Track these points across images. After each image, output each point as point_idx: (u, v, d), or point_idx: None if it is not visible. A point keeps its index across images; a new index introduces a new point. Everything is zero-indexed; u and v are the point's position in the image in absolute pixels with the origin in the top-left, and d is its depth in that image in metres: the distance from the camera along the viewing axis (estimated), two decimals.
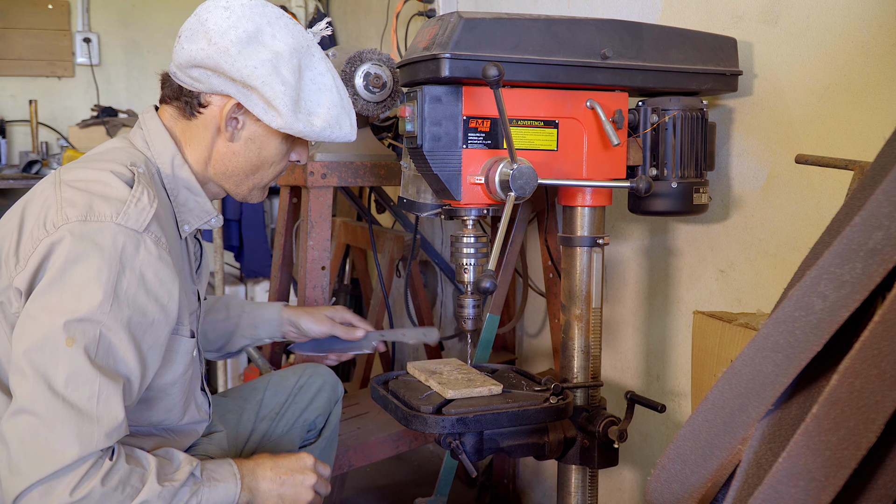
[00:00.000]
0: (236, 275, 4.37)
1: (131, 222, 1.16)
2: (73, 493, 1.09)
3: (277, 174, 1.42)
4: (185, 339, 1.31)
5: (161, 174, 1.33)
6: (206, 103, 1.32)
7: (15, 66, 4.37)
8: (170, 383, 1.31)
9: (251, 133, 1.34)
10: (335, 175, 2.14)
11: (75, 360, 1.10)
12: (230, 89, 1.28)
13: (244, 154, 1.36)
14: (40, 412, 1.09)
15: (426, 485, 2.79)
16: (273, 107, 1.26)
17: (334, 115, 1.33)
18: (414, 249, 2.37)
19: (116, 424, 1.13)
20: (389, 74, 2.12)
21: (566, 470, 1.61)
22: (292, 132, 1.29)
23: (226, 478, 1.27)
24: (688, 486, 0.82)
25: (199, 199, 1.36)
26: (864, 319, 0.70)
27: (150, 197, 1.21)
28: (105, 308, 1.12)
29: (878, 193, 0.68)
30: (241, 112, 1.32)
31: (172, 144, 1.34)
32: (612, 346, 2.13)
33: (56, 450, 1.09)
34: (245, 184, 1.40)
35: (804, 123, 1.53)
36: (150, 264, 1.18)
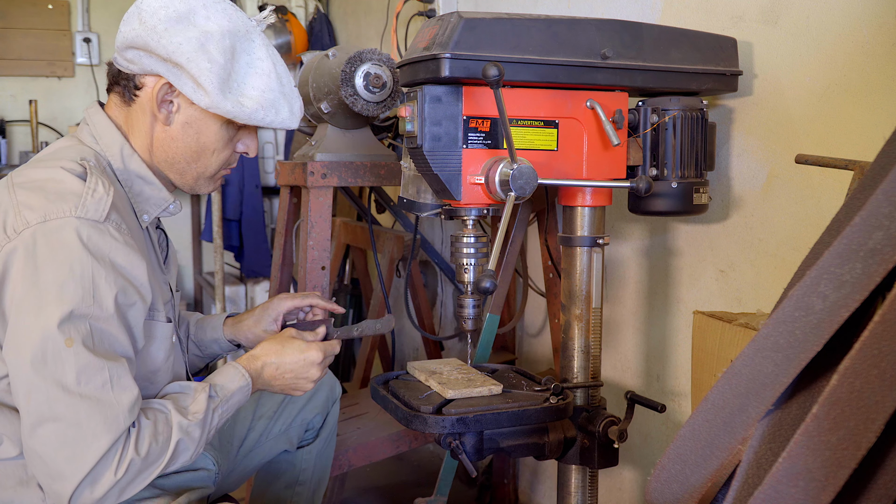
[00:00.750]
0: (236, 275, 4.37)
1: (91, 213, 1.17)
2: (116, 472, 1.14)
3: (223, 163, 1.40)
4: (162, 324, 1.32)
5: (112, 167, 1.32)
6: (140, 85, 1.31)
7: (15, 66, 4.37)
8: (153, 371, 1.32)
9: (187, 117, 1.32)
10: (335, 175, 2.14)
11: (79, 356, 1.12)
12: (160, 68, 1.27)
13: (182, 139, 1.34)
14: (63, 415, 1.12)
15: (426, 485, 2.79)
16: (200, 84, 1.25)
17: (269, 99, 1.31)
18: (414, 249, 2.37)
19: (134, 399, 1.17)
20: (389, 74, 2.12)
21: (566, 470, 1.61)
22: (220, 111, 1.27)
23: (236, 381, 1.34)
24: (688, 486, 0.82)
25: (153, 187, 1.35)
26: (864, 319, 0.70)
27: (105, 186, 1.21)
28: (88, 301, 1.14)
29: (878, 193, 0.68)
30: (173, 94, 1.31)
31: (119, 135, 1.33)
32: (612, 346, 2.13)
33: (90, 444, 1.12)
34: (189, 172, 1.38)
35: (804, 123, 1.53)
36: (118, 250, 1.18)
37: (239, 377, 1.35)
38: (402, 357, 3.47)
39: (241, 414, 1.70)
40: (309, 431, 1.80)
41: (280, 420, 1.74)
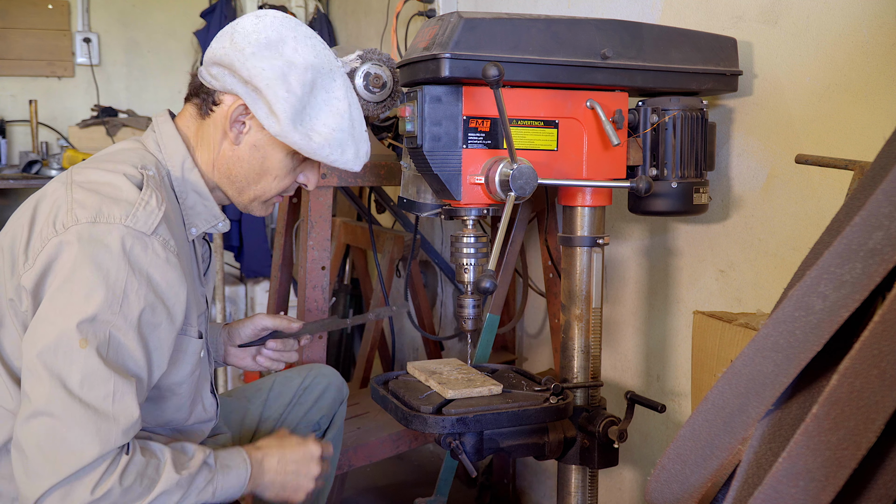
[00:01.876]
0: (236, 275, 4.37)
1: (140, 224, 1.18)
2: (93, 492, 1.11)
3: (281, 190, 1.41)
4: (193, 340, 1.32)
5: (171, 177, 1.34)
6: (218, 101, 1.33)
7: (15, 66, 4.37)
8: (178, 383, 1.32)
9: (255, 139, 1.34)
10: (335, 175, 2.14)
11: (89, 360, 1.12)
12: (239, 89, 1.29)
13: (248, 160, 1.36)
14: (58, 413, 1.11)
15: (426, 485, 2.79)
16: (273, 112, 1.26)
17: (338, 138, 1.31)
18: (414, 249, 2.37)
19: (132, 422, 1.15)
20: (389, 74, 2.12)
21: (566, 470, 1.61)
22: (287, 141, 1.28)
23: (238, 464, 1.31)
24: (688, 486, 0.82)
25: (207, 203, 1.37)
26: (864, 319, 0.70)
27: (159, 200, 1.22)
28: (115, 308, 1.14)
29: (878, 193, 0.68)
30: (247, 116, 1.32)
31: (184, 147, 1.35)
32: (612, 346, 2.13)
33: (75, 450, 1.10)
34: (247, 193, 1.40)
35: (804, 123, 1.53)
36: (158, 266, 1.19)
37: (241, 460, 1.32)
38: (402, 357, 3.47)
39: (249, 415, 1.70)
40: (316, 432, 1.80)
41: (287, 421, 1.74)
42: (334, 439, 1.84)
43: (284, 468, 1.38)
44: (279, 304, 2.55)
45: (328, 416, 1.80)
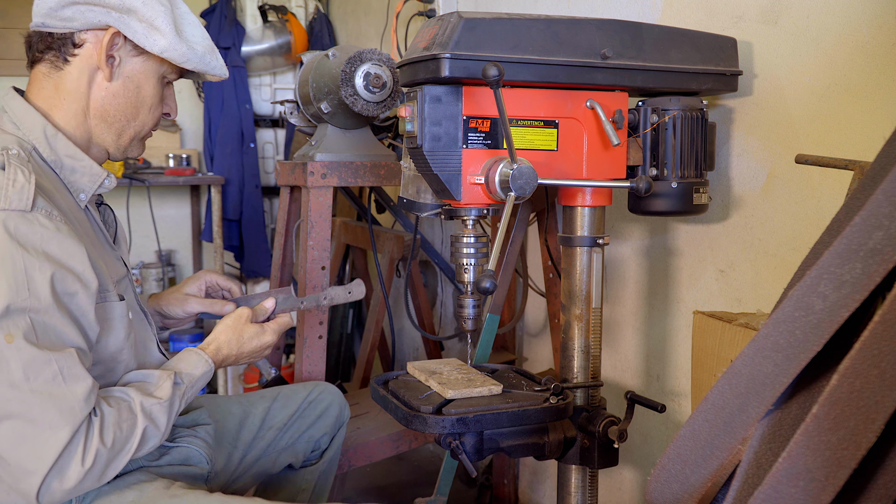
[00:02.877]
0: (236, 275, 4.37)
1: (15, 204, 1.14)
2: (84, 462, 1.13)
3: (154, 122, 1.41)
4: (116, 304, 1.30)
5: (38, 151, 1.29)
6: (80, 42, 1.30)
7: (15, 66, 4.37)
8: (117, 350, 1.31)
9: (129, 70, 1.33)
10: (335, 175, 2.14)
11: (22, 351, 1.10)
12: (108, 18, 1.27)
13: (123, 94, 1.34)
14: (16, 411, 1.11)
15: (426, 485, 2.79)
16: (155, 27, 1.26)
17: (210, 46, 1.37)
18: (414, 249, 2.37)
19: (88, 389, 1.15)
20: (389, 74, 2.12)
21: (566, 470, 1.61)
22: (177, 54, 1.29)
23: (201, 367, 1.39)
24: (688, 486, 0.82)
25: (83, 164, 1.33)
26: (864, 319, 0.70)
27: (26, 174, 1.18)
28: (24, 294, 1.12)
29: (878, 193, 0.68)
30: (117, 47, 1.31)
31: (39, 116, 1.31)
32: (612, 346, 2.13)
33: (48, 438, 1.11)
34: (127, 132, 1.38)
35: (804, 123, 1.53)
36: (50, 238, 1.16)
37: (203, 364, 1.40)
38: (402, 357, 3.47)
39: (249, 421, 1.70)
40: (315, 452, 1.80)
41: (288, 433, 1.74)
42: (331, 461, 1.84)
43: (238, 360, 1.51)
44: None
45: (329, 436, 1.81)
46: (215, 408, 1.66)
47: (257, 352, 1.53)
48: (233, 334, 1.49)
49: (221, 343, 1.47)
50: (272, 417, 1.73)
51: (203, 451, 1.49)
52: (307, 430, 1.76)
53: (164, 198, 4.43)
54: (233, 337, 1.49)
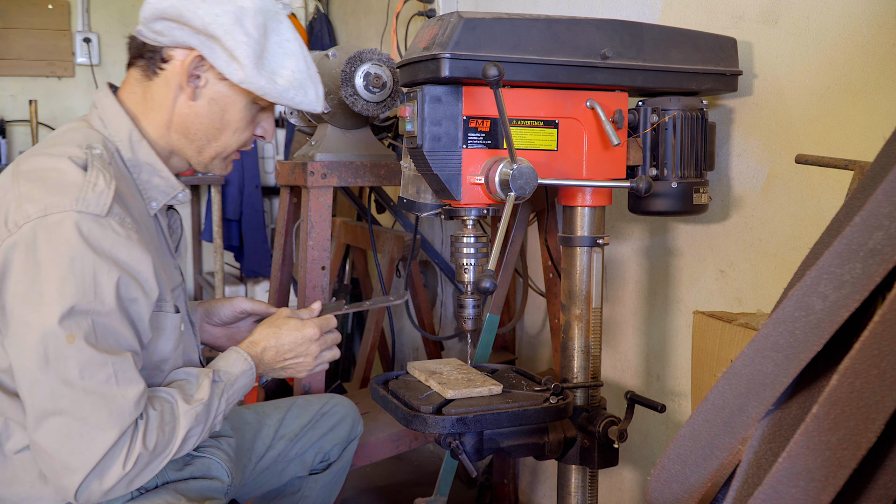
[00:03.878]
0: (236, 275, 4.37)
1: (92, 207, 1.15)
2: (125, 466, 1.15)
3: (241, 145, 1.39)
4: (171, 315, 1.30)
5: (121, 153, 1.30)
6: (168, 58, 1.29)
7: (15, 66, 4.37)
8: (162, 360, 1.31)
9: (214, 92, 1.31)
10: (335, 175, 2.14)
11: (82, 352, 1.12)
12: (192, 41, 1.25)
13: (207, 115, 1.32)
14: (67, 409, 1.12)
15: (426, 485, 2.79)
16: (235, 58, 1.23)
17: (299, 80, 1.31)
18: (414, 249, 2.37)
19: (139, 393, 1.17)
20: (389, 74, 2.12)
21: (566, 470, 1.61)
22: (253, 87, 1.26)
23: (241, 367, 1.36)
24: (688, 486, 0.82)
25: (162, 175, 1.33)
26: (864, 319, 0.70)
27: (107, 179, 1.19)
28: (90, 296, 1.13)
29: (878, 193, 0.68)
30: (203, 68, 1.29)
31: (128, 120, 1.31)
32: (612, 346, 2.13)
33: (96, 437, 1.13)
34: (207, 150, 1.36)
35: (804, 123, 1.53)
36: (120, 245, 1.17)
37: (241, 361, 1.37)
38: (402, 357, 3.47)
39: (264, 431, 1.69)
40: (323, 462, 1.79)
41: (299, 443, 1.73)
42: (338, 473, 1.83)
43: (283, 357, 1.44)
44: (279, 304, 2.55)
45: (340, 447, 1.79)
46: (231, 417, 1.65)
47: (300, 345, 1.45)
48: (270, 328, 1.45)
49: (257, 337, 1.43)
50: (285, 427, 1.72)
51: (225, 464, 1.48)
52: (318, 441, 1.75)
53: None
54: (270, 330, 1.44)
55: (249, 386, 1.38)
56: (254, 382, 1.39)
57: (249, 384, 1.37)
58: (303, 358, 1.46)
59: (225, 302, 1.63)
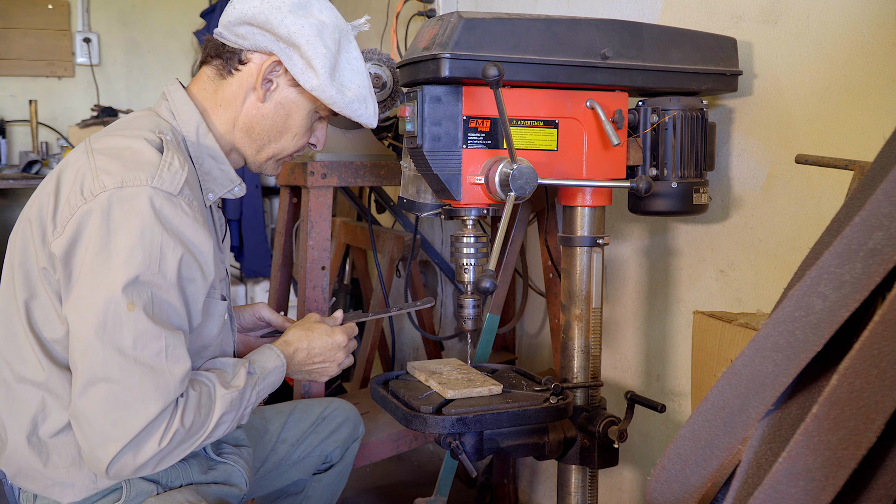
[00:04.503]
0: (236, 275, 4.37)
1: (166, 185, 1.20)
2: (160, 442, 1.16)
3: (297, 149, 1.45)
4: (219, 302, 1.35)
5: (186, 142, 1.35)
6: (245, 60, 1.36)
7: (15, 66, 4.37)
8: (205, 345, 1.34)
9: (283, 97, 1.38)
10: (335, 175, 2.14)
11: (139, 322, 1.15)
12: (273, 47, 1.32)
13: (272, 117, 1.39)
14: (116, 377, 1.14)
15: (426, 485, 2.79)
16: (312, 67, 1.30)
17: (363, 94, 1.38)
18: (414, 249, 2.37)
19: (186, 371, 1.19)
20: (389, 74, 2.12)
21: (566, 470, 1.61)
22: (324, 95, 1.32)
23: (274, 364, 1.40)
24: (688, 486, 0.82)
25: (223, 167, 1.39)
26: (864, 319, 0.70)
27: (181, 161, 1.24)
28: (154, 269, 1.17)
29: (878, 193, 0.68)
30: (278, 73, 1.36)
31: (197, 113, 1.37)
32: (612, 346, 2.13)
33: (139, 409, 1.14)
34: (265, 151, 1.43)
35: (804, 123, 1.53)
36: (188, 225, 1.21)
37: (275, 358, 1.40)
38: (402, 357, 3.47)
39: (266, 436, 1.70)
40: (325, 463, 1.80)
41: (301, 447, 1.73)
42: (340, 474, 1.84)
43: (311, 360, 1.48)
44: (279, 304, 2.55)
45: (341, 449, 1.80)
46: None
47: (329, 350, 1.49)
48: (302, 330, 1.49)
49: (290, 338, 1.47)
50: (287, 431, 1.73)
51: (244, 472, 1.49)
52: (319, 445, 1.76)
53: None
54: (302, 333, 1.48)
55: (278, 383, 1.41)
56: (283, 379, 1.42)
57: (279, 381, 1.41)
58: (328, 364, 1.50)
59: (248, 308, 1.66)
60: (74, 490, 1.26)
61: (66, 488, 1.26)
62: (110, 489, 1.29)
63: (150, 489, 1.31)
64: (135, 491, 1.30)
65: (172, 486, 1.35)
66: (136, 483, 1.30)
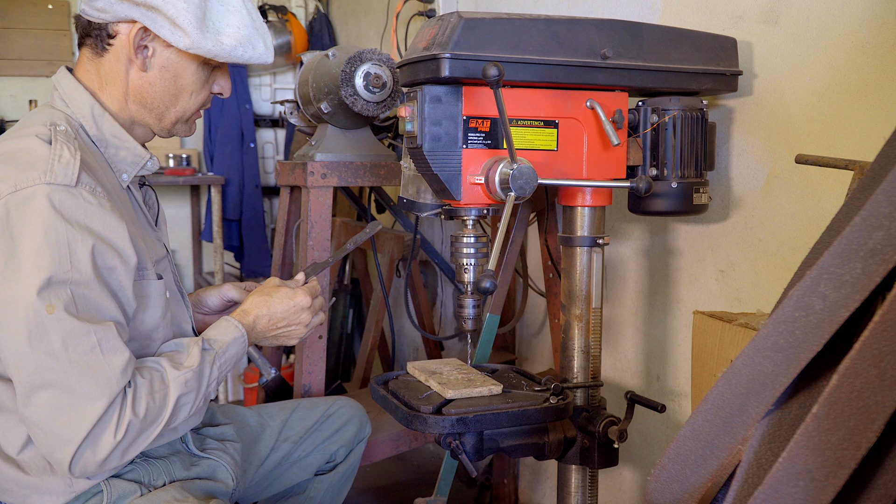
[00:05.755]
0: (236, 275, 4.37)
1: (60, 178, 1.16)
2: (116, 434, 1.15)
3: (200, 105, 1.41)
4: (154, 282, 1.31)
5: (85, 129, 1.32)
6: (113, 33, 1.31)
7: (15, 66, 4.37)
8: (153, 328, 1.32)
9: (164, 60, 1.33)
10: (335, 175, 2.14)
11: (63, 323, 1.12)
12: (134, 13, 1.27)
13: (160, 83, 1.34)
14: (54, 381, 1.13)
15: (426, 485, 2.79)
16: (178, 25, 1.25)
17: (245, 35, 1.32)
18: (414, 249, 2.37)
19: (125, 361, 1.17)
20: (389, 74, 2.12)
21: (566, 470, 1.61)
22: (201, 51, 1.28)
23: (233, 335, 1.37)
24: (688, 486, 0.82)
25: (127, 145, 1.35)
26: (864, 319, 0.70)
27: (72, 150, 1.20)
28: (66, 266, 1.14)
29: (878, 193, 0.68)
30: (149, 38, 1.30)
31: (88, 95, 1.33)
32: (612, 346, 2.13)
33: (84, 408, 1.13)
34: (167, 117, 1.38)
35: (804, 123, 1.53)
36: (93, 214, 1.18)
37: (233, 329, 1.37)
38: (402, 357, 3.47)
39: (267, 434, 1.69)
40: (329, 463, 1.78)
41: (303, 445, 1.72)
42: (346, 475, 1.81)
43: (275, 325, 1.45)
44: None
45: (346, 449, 1.78)
46: (233, 418, 1.64)
47: (292, 313, 1.47)
48: (261, 297, 1.46)
49: (248, 306, 1.44)
50: (289, 429, 1.71)
51: (230, 468, 1.48)
52: (323, 443, 1.74)
53: (164, 198, 4.43)
54: (261, 299, 1.45)
55: (241, 354, 1.38)
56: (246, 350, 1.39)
57: (242, 352, 1.38)
58: (294, 326, 1.48)
59: (213, 290, 1.63)
60: (52, 497, 1.25)
61: (43, 496, 1.25)
62: (90, 493, 1.28)
63: (133, 489, 1.30)
64: (116, 493, 1.28)
65: (155, 484, 1.33)
66: (118, 484, 1.29)
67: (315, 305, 1.51)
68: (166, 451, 1.39)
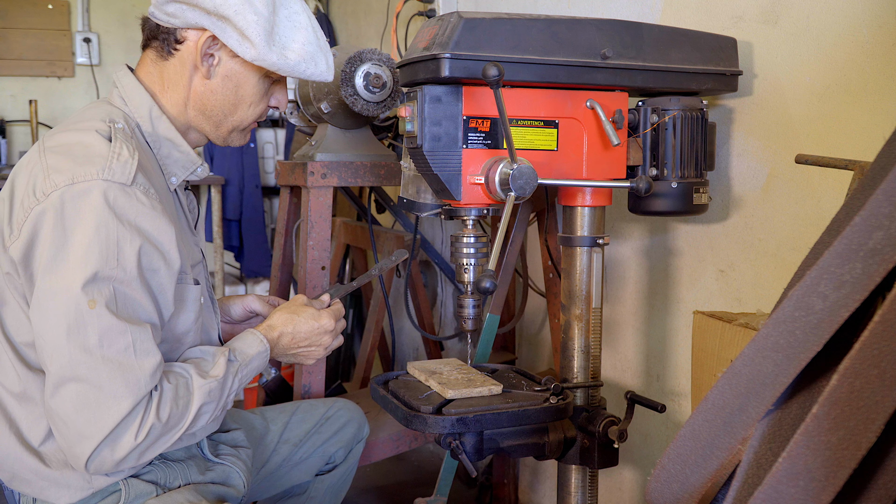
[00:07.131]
0: (236, 275, 4.37)
1: (117, 176, 1.17)
2: (136, 437, 1.16)
3: (257, 116, 1.43)
4: (191, 287, 1.33)
5: (141, 129, 1.33)
6: (182, 39, 1.32)
7: (15, 66, 4.37)
8: (185, 332, 1.33)
9: (228, 70, 1.34)
10: (335, 175, 2.14)
11: (102, 319, 1.13)
12: (205, 22, 1.28)
13: (221, 92, 1.36)
14: (84, 376, 1.13)
15: (426, 485, 2.79)
16: (246, 37, 1.26)
17: (309, 52, 1.34)
18: (414, 249, 2.37)
19: (156, 364, 1.18)
20: (389, 74, 2.12)
21: (566, 470, 1.61)
22: (266, 64, 1.29)
23: (257, 349, 1.38)
24: (688, 486, 0.82)
25: (181, 149, 1.37)
26: (864, 319, 0.70)
27: (130, 150, 1.22)
28: (112, 263, 1.15)
29: (878, 193, 0.68)
30: (216, 47, 1.32)
31: (147, 97, 1.34)
32: (612, 346, 2.13)
33: (110, 406, 1.14)
34: (224, 125, 1.40)
35: (804, 123, 1.53)
36: (144, 214, 1.19)
37: (258, 343, 1.38)
38: (402, 357, 3.47)
39: (268, 437, 1.69)
40: (329, 464, 1.79)
41: (303, 448, 1.73)
42: (344, 475, 1.82)
43: (297, 344, 1.46)
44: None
45: (345, 450, 1.79)
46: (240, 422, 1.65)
47: (315, 334, 1.48)
48: (287, 314, 1.47)
49: (275, 322, 1.45)
50: (289, 431, 1.72)
51: (242, 474, 1.49)
52: (322, 445, 1.75)
53: None
54: (287, 317, 1.46)
55: (262, 368, 1.39)
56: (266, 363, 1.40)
57: (263, 366, 1.39)
58: (315, 348, 1.49)
59: (237, 300, 1.65)
60: (70, 491, 1.26)
61: (61, 490, 1.26)
62: (108, 491, 1.28)
63: (150, 490, 1.31)
64: (134, 493, 1.29)
65: (171, 486, 1.34)
66: (136, 484, 1.30)
67: (337, 329, 1.52)
68: (183, 455, 1.40)
